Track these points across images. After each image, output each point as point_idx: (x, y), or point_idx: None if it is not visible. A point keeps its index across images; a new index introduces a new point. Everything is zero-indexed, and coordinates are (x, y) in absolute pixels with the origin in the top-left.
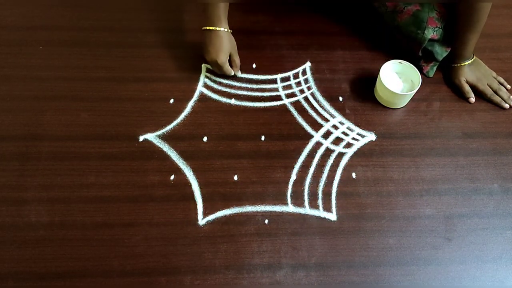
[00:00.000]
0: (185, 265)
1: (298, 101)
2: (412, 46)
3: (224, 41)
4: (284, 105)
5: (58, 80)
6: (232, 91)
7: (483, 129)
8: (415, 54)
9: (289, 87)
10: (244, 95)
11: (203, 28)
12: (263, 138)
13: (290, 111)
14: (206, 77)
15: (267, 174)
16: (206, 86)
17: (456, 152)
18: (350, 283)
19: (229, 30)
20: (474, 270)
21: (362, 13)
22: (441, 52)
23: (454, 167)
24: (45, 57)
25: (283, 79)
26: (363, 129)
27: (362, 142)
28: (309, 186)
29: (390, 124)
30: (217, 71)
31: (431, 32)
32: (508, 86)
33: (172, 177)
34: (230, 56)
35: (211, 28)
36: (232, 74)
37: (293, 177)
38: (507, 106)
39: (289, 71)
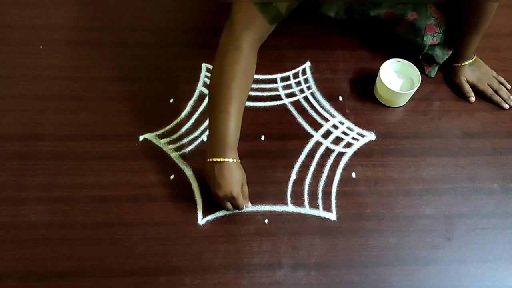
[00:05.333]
0: (184, 265)
1: (298, 101)
2: (412, 53)
3: (237, 172)
4: (284, 104)
5: (58, 79)
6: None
7: (483, 129)
8: (416, 58)
9: (289, 86)
10: None
11: (210, 160)
12: (263, 137)
13: (290, 111)
14: (206, 77)
15: (267, 174)
16: (206, 85)
17: (456, 152)
18: (350, 282)
19: (238, 160)
20: (474, 269)
21: (360, 24)
22: (442, 55)
23: (454, 167)
24: (45, 56)
25: (283, 79)
26: (363, 128)
27: (362, 141)
28: (309, 186)
29: (390, 124)
30: (227, 208)
31: (431, 39)
32: (508, 86)
33: (172, 177)
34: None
35: (220, 160)
36: (248, 206)
37: (293, 176)
38: (507, 106)
39: (289, 70)
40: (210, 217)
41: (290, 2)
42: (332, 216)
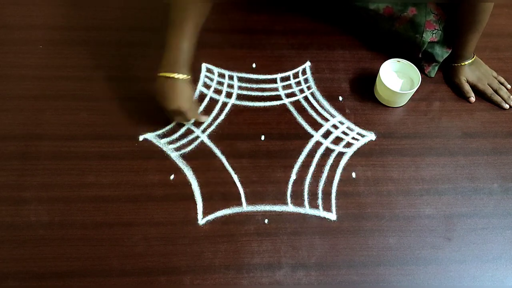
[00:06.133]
0: (185, 265)
1: (298, 101)
2: (411, 50)
3: (187, 88)
4: (284, 104)
5: (58, 79)
6: (232, 90)
7: (483, 128)
8: (415, 56)
9: (289, 86)
10: (244, 95)
11: (162, 75)
12: (263, 137)
13: (290, 111)
14: (206, 77)
15: (267, 173)
16: (206, 85)
17: (456, 151)
18: (350, 282)
19: (189, 77)
20: (474, 269)
21: (360, 19)
22: (441, 53)
23: (454, 166)
24: (45, 56)
25: (283, 79)
26: (363, 128)
27: (362, 141)
28: (309, 186)
29: (390, 124)
30: (180, 121)
31: (430, 35)
32: (509, 86)
33: (172, 177)
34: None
35: (173, 75)
36: (203, 120)
37: (293, 176)
38: (507, 106)
39: (289, 70)
40: (210, 217)
41: None
42: (332, 216)
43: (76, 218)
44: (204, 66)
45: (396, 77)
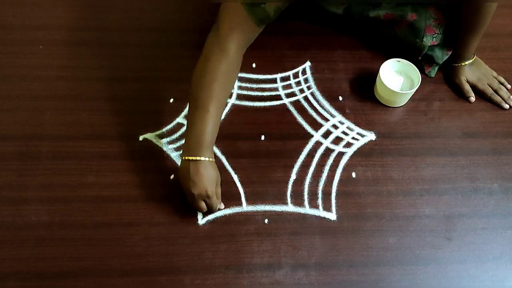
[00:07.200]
0: (185, 265)
1: (298, 101)
2: (412, 53)
3: (212, 171)
4: (284, 104)
5: (58, 79)
6: (232, 90)
7: (483, 128)
8: (415, 59)
9: (289, 86)
10: (244, 95)
11: (185, 158)
12: (263, 137)
13: (290, 111)
14: None
15: (267, 173)
16: None
17: (456, 151)
18: (350, 282)
19: (213, 160)
20: (474, 269)
21: (360, 24)
22: (441, 56)
23: (454, 166)
24: (45, 56)
25: (283, 79)
26: (363, 128)
27: (362, 141)
28: (309, 186)
29: (390, 124)
30: (200, 208)
31: (430, 39)
32: (509, 86)
33: (172, 177)
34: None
35: (196, 158)
36: (222, 207)
37: (293, 176)
38: (507, 106)
39: (289, 70)
40: (210, 217)
41: (279, 2)
42: (332, 216)
43: (76, 218)
44: None
45: (396, 77)
